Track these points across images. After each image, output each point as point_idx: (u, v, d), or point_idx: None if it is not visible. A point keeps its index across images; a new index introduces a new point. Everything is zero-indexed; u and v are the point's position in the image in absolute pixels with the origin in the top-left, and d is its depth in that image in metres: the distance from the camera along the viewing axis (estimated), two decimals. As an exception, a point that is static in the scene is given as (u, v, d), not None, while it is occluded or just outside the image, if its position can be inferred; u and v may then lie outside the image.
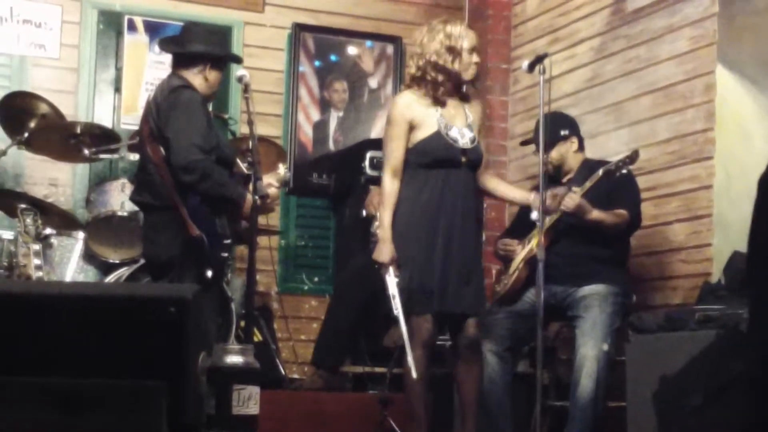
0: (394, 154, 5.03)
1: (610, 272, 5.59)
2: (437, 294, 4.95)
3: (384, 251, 4.98)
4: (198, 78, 5.40)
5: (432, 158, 5.02)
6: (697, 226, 5.98)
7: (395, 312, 4.88)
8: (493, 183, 5.35)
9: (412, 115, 5.03)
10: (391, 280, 4.92)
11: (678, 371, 4.52)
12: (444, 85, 5.07)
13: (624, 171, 5.50)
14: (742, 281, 5.26)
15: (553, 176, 5.78)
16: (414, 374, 4.86)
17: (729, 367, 4.27)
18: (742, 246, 5.37)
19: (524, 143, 6.31)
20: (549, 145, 5.70)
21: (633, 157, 5.48)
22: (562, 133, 5.84)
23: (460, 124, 5.10)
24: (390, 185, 5.02)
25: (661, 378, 4.60)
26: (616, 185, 5.63)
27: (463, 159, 5.06)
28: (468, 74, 5.11)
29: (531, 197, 5.29)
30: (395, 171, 5.03)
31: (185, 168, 5.14)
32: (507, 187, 5.52)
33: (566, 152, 5.85)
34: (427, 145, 5.02)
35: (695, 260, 5.97)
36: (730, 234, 5.73)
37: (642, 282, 6.14)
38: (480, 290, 5.12)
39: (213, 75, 5.45)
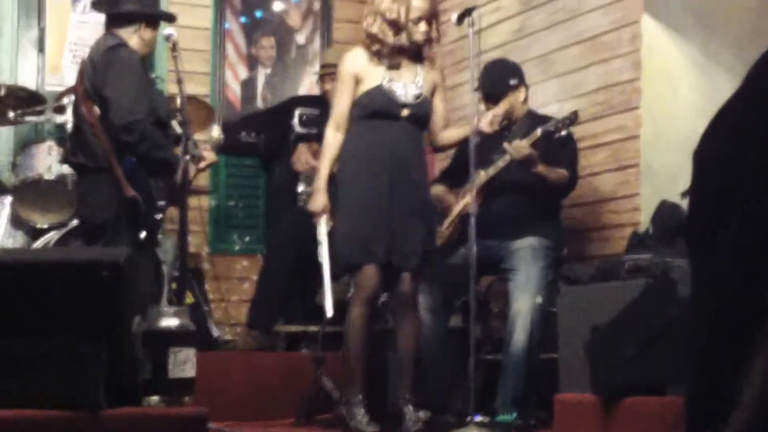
0: (339, 107, 5.19)
1: (542, 225, 5.60)
2: (384, 244, 5.03)
3: (317, 200, 5.16)
4: (134, 37, 5.35)
5: (371, 110, 5.15)
6: (625, 176, 6.02)
7: (320, 258, 5.12)
8: (445, 134, 5.40)
9: (357, 70, 5.17)
10: (322, 229, 5.13)
11: (609, 321, 4.56)
12: (391, 43, 5.12)
13: (563, 132, 5.47)
14: (669, 230, 5.33)
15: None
16: (329, 312, 5.09)
17: (659, 316, 4.33)
18: (670, 195, 5.49)
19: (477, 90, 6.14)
20: (499, 96, 5.64)
21: (572, 118, 5.45)
22: (512, 82, 5.72)
23: (406, 80, 5.19)
24: (332, 137, 5.18)
25: (592, 328, 4.63)
26: (556, 144, 5.58)
27: (404, 112, 5.15)
28: (417, 38, 5.17)
29: (474, 120, 5.20)
30: (338, 124, 5.18)
31: (125, 128, 5.11)
32: (455, 130, 5.46)
33: (515, 102, 5.70)
34: (367, 98, 5.15)
35: (624, 210, 6.02)
36: (658, 183, 5.78)
37: (573, 233, 6.18)
38: (428, 243, 5.17)
39: (148, 34, 5.40)
